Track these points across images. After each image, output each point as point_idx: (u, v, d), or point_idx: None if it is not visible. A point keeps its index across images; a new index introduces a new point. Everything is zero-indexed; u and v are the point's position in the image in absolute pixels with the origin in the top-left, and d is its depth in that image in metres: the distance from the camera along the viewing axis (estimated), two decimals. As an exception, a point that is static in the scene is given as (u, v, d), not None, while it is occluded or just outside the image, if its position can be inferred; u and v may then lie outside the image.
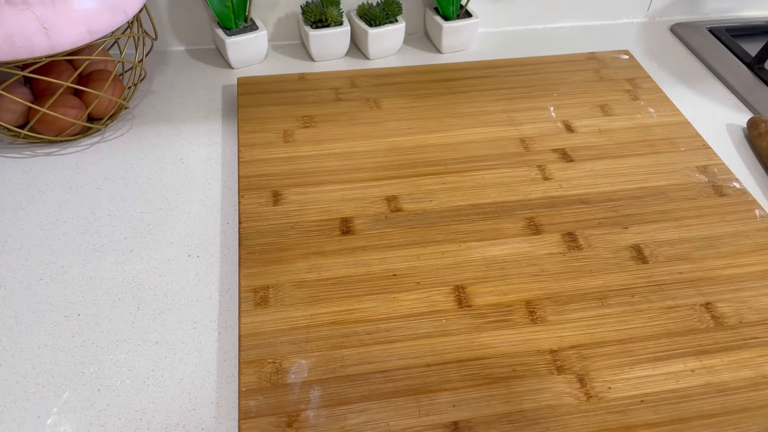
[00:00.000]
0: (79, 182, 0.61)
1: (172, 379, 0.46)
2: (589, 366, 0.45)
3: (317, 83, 0.71)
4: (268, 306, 0.48)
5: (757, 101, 0.73)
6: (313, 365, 0.45)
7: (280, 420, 0.42)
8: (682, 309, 0.49)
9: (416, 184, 0.59)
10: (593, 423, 0.42)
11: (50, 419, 0.43)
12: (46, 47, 0.55)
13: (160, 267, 0.53)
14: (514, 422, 0.42)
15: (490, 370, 0.45)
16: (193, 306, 0.50)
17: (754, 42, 0.83)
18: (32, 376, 0.45)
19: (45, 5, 0.54)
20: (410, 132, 0.65)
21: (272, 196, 0.57)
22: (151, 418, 0.43)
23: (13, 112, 0.63)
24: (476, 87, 0.72)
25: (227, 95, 0.73)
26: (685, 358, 0.46)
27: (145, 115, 0.69)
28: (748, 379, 0.45)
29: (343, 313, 0.48)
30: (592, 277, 0.51)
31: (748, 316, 0.49)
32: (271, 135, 0.64)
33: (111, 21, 0.58)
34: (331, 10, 0.75)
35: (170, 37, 0.79)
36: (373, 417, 0.42)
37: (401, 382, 0.44)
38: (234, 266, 0.53)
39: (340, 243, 0.53)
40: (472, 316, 0.48)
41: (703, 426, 0.42)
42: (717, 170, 0.62)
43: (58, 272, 0.53)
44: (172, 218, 0.58)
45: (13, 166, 0.62)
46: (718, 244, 0.54)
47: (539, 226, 0.55)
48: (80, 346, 0.47)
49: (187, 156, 0.64)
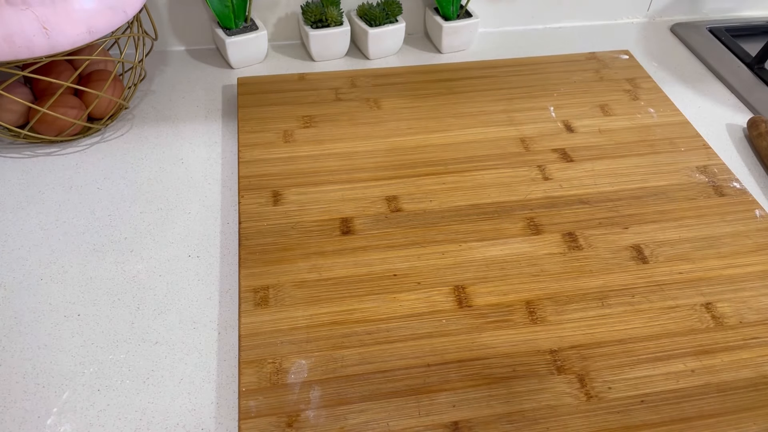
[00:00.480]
0: (79, 182, 0.61)
1: (172, 379, 0.45)
2: (589, 366, 0.45)
3: (317, 83, 0.71)
4: (268, 306, 0.48)
5: (757, 101, 0.73)
6: (313, 365, 0.45)
7: (280, 420, 0.42)
8: (682, 309, 0.49)
9: (416, 184, 0.59)
10: (593, 423, 0.42)
11: (50, 419, 0.43)
12: (46, 47, 0.55)
13: (160, 267, 0.53)
14: (514, 422, 0.42)
15: (490, 370, 0.45)
16: (193, 306, 0.50)
17: (754, 42, 0.83)
18: (32, 376, 0.45)
19: (45, 5, 0.54)
20: (410, 132, 0.65)
21: (272, 196, 0.57)
22: (151, 418, 0.43)
23: (13, 112, 0.63)
24: (476, 87, 0.72)
25: (227, 95, 0.73)
26: (685, 358, 0.46)
27: (145, 115, 0.69)
28: (748, 379, 0.45)
29: (344, 313, 0.48)
30: (592, 277, 0.51)
31: (748, 316, 0.49)
32: (271, 135, 0.64)
33: (111, 21, 0.58)
34: (331, 10, 0.75)
35: (170, 37, 0.79)
36: (373, 417, 0.42)
37: (401, 382, 0.44)
38: (234, 266, 0.53)
39: (341, 243, 0.53)
40: (473, 316, 0.48)
41: (703, 426, 0.42)
42: (717, 170, 0.62)
43: (58, 272, 0.53)
44: (172, 218, 0.58)
45: (13, 166, 0.62)
46: (718, 244, 0.54)
47: (539, 226, 0.55)
48: (80, 346, 0.47)
49: (187, 156, 0.64)
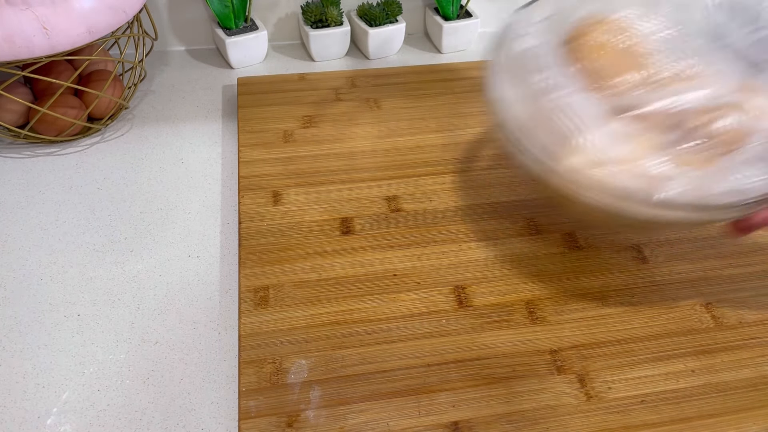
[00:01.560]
0: (79, 182, 0.61)
1: (172, 379, 0.45)
2: (589, 366, 0.45)
3: (317, 83, 0.71)
4: (268, 306, 0.48)
5: (757, 101, 0.73)
6: (313, 365, 0.45)
7: (280, 420, 0.42)
8: (682, 309, 0.49)
9: (416, 184, 0.59)
10: (593, 423, 0.42)
11: (50, 419, 0.43)
12: (46, 47, 0.55)
13: (160, 267, 0.53)
14: (514, 422, 0.42)
15: (490, 370, 0.45)
16: (193, 306, 0.50)
17: (754, 42, 0.83)
18: (32, 376, 0.45)
19: (45, 5, 0.54)
20: (410, 132, 0.65)
21: (272, 196, 0.57)
22: (151, 418, 0.43)
23: (13, 112, 0.63)
24: (476, 87, 0.71)
25: (227, 95, 0.73)
26: (685, 358, 0.46)
27: (145, 115, 0.69)
28: (748, 379, 0.45)
29: (344, 313, 0.48)
30: (592, 277, 0.51)
31: (748, 316, 0.49)
32: (271, 135, 0.64)
33: (111, 21, 0.58)
34: (331, 10, 0.75)
35: (170, 37, 0.79)
36: (373, 417, 0.42)
37: (401, 382, 0.44)
38: (234, 266, 0.53)
39: (341, 243, 0.53)
40: (472, 316, 0.48)
41: (703, 426, 0.42)
42: (717, 170, 0.62)
43: (58, 272, 0.52)
44: (172, 218, 0.58)
45: (13, 166, 0.62)
46: (718, 244, 0.54)
47: (539, 226, 0.55)
48: (80, 346, 0.47)
49: (187, 156, 0.64)
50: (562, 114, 0.41)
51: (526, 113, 0.43)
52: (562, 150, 0.41)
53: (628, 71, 0.46)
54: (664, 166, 0.42)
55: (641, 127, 0.44)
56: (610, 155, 0.40)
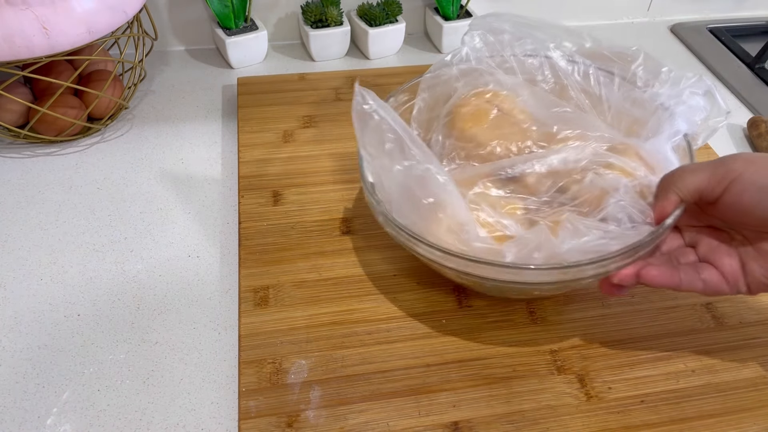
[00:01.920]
0: (79, 182, 0.61)
1: (172, 379, 0.45)
2: (589, 366, 0.45)
3: (317, 83, 0.71)
4: (268, 306, 0.48)
5: (757, 101, 0.73)
6: (313, 365, 0.45)
7: (280, 420, 0.41)
8: (682, 309, 0.49)
9: (416, 184, 0.59)
10: (593, 423, 0.42)
11: (50, 419, 0.43)
12: (46, 47, 0.55)
13: (160, 267, 0.53)
14: (514, 422, 0.42)
15: (490, 370, 0.45)
16: (193, 306, 0.50)
17: (754, 42, 0.83)
18: (32, 376, 0.45)
19: (45, 5, 0.54)
20: (410, 132, 0.65)
21: (272, 196, 0.57)
22: (151, 418, 0.43)
23: (13, 112, 0.63)
24: (476, 87, 0.72)
25: (227, 95, 0.73)
26: (685, 358, 0.46)
27: (145, 115, 0.69)
28: (748, 379, 0.45)
29: (344, 313, 0.48)
30: (592, 277, 0.51)
31: (748, 316, 0.49)
32: (271, 135, 0.64)
33: (111, 21, 0.58)
34: (331, 10, 0.75)
35: (170, 37, 0.79)
36: (373, 417, 0.42)
37: (401, 382, 0.44)
38: (234, 266, 0.53)
39: (341, 243, 0.53)
40: (472, 316, 0.48)
41: (703, 426, 0.42)
42: (717, 170, 0.62)
43: (58, 272, 0.52)
44: (172, 218, 0.57)
45: (13, 166, 0.62)
46: (718, 244, 0.54)
47: (539, 226, 0.55)
48: (80, 346, 0.47)
49: (187, 156, 0.64)
50: (423, 187, 0.41)
51: (393, 189, 0.43)
52: (425, 223, 0.41)
53: (500, 138, 0.48)
54: (519, 229, 0.43)
55: (509, 190, 0.47)
56: (467, 223, 0.40)
